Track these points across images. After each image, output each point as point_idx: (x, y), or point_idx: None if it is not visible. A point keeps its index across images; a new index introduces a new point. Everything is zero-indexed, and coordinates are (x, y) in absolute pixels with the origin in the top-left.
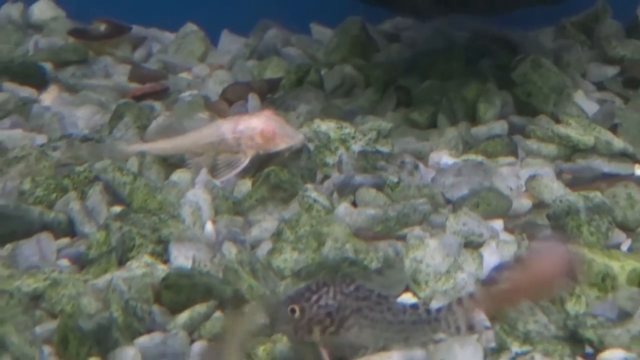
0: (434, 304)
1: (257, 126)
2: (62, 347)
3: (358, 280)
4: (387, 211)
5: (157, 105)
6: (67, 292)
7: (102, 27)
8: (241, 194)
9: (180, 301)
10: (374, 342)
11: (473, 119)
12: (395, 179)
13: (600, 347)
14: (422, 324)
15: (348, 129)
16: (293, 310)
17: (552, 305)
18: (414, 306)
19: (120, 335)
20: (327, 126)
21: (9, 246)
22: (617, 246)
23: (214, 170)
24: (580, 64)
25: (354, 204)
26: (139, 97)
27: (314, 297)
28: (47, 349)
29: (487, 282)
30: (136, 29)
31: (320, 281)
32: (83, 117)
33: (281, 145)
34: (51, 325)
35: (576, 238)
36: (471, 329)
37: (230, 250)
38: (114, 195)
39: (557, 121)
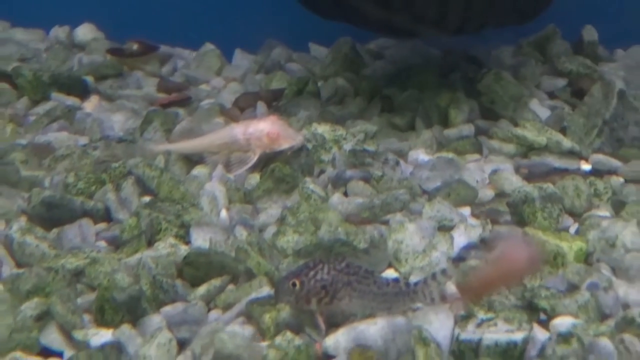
0: (412, 278)
1: (264, 129)
2: (100, 315)
3: (348, 258)
4: (373, 200)
5: (181, 111)
6: (103, 269)
7: (135, 47)
8: (251, 186)
9: (199, 276)
10: (362, 311)
11: (445, 122)
12: (380, 173)
13: (552, 314)
14: (403, 295)
15: (340, 131)
16: (294, 284)
17: None
18: (396, 280)
19: (148, 305)
20: (322, 129)
21: (55, 230)
22: (566, 229)
23: (228, 166)
24: (535, 77)
25: (346, 194)
26: (165, 105)
27: (312, 273)
28: (86, 317)
29: (456, 260)
30: (163, 48)
31: (317, 259)
32: (118, 122)
33: (284, 145)
34: (90, 297)
35: (532, 223)
36: (444, 299)
37: (241, 233)
38: (143, 187)
39: (516, 124)
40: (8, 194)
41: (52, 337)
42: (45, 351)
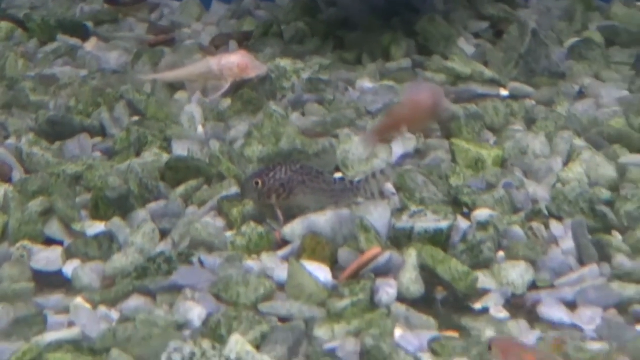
0: (356, 178)
1: (235, 61)
2: (95, 210)
3: (302, 161)
4: (326, 118)
5: (166, 50)
6: (98, 174)
7: None
8: (223, 108)
9: (179, 178)
10: (314, 205)
11: (387, 57)
12: (332, 97)
13: (473, 207)
14: (348, 191)
15: (299, 64)
16: (257, 183)
17: (439, 179)
18: (342, 179)
19: (135, 202)
20: (284, 62)
21: (58, 143)
22: (487, 141)
23: (204, 92)
24: (463, 20)
25: (303, 114)
26: (153, 45)
27: (272, 174)
28: (84, 213)
29: (394, 165)
30: None
31: (276, 162)
32: (113, 58)
33: (252, 74)
34: (87, 196)
35: (458, 136)
36: (382, 195)
37: (215, 144)
38: (133, 108)
39: (446, 59)
40: (19, 115)
41: (55, 229)
42: (49, 240)
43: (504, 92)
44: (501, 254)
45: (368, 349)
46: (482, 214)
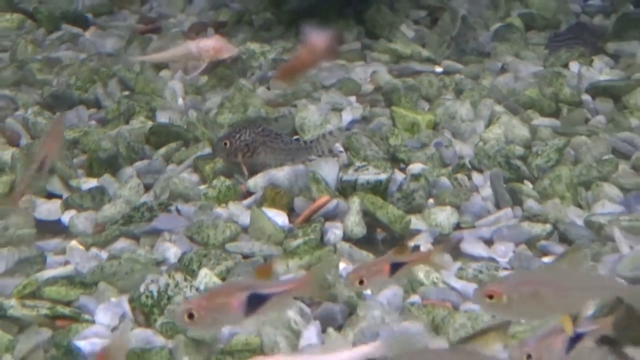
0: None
1: (211, 44)
2: (89, 169)
3: (263, 125)
4: (286, 90)
5: (154, 36)
6: (93, 138)
7: None
8: (201, 83)
9: (161, 141)
10: (274, 162)
11: (340, 41)
12: None
13: (408, 163)
14: (302, 150)
15: (266, 47)
16: (225, 144)
17: (380, 140)
18: (297, 139)
19: (124, 161)
20: (254, 46)
21: (59, 113)
22: (423, 109)
23: (185, 70)
24: (405, 10)
25: (268, 88)
26: (143, 33)
27: (237, 135)
28: (80, 171)
29: (344, 129)
30: None
31: (241, 125)
32: (109, 43)
33: (225, 55)
34: (83, 157)
35: (398, 105)
36: (331, 152)
37: (192, 113)
38: (124, 85)
39: (390, 42)
40: (27, 91)
41: (55, 185)
42: (50, 194)
43: (438, 69)
44: (431, 200)
45: None
46: (415, 167)
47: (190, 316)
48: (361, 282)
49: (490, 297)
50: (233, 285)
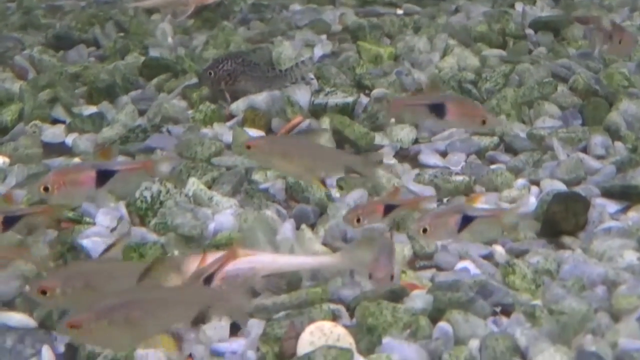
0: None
1: None
2: (89, 98)
3: (243, 56)
4: (264, 30)
5: None
6: (92, 72)
7: None
8: (188, 25)
9: (153, 73)
10: (253, 89)
11: None
12: (270, 16)
13: (372, 88)
14: (278, 77)
15: None
16: (210, 73)
17: (348, 70)
18: (274, 68)
19: (120, 90)
20: None
21: (61, 52)
22: (385, 44)
23: (174, 14)
24: None
25: (248, 28)
26: None
27: (220, 65)
28: (81, 100)
29: (315, 61)
30: None
31: (223, 57)
32: None
33: (210, 0)
34: (84, 89)
35: (363, 40)
36: (304, 79)
37: (181, 50)
38: (120, 27)
39: None
40: (33, 33)
41: (59, 112)
42: (54, 120)
43: (399, 11)
44: (392, 119)
45: (290, 185)
46: (378, 92)
47: (46, 189)
48: (358, 220)
49: None
50: (84, 164)
